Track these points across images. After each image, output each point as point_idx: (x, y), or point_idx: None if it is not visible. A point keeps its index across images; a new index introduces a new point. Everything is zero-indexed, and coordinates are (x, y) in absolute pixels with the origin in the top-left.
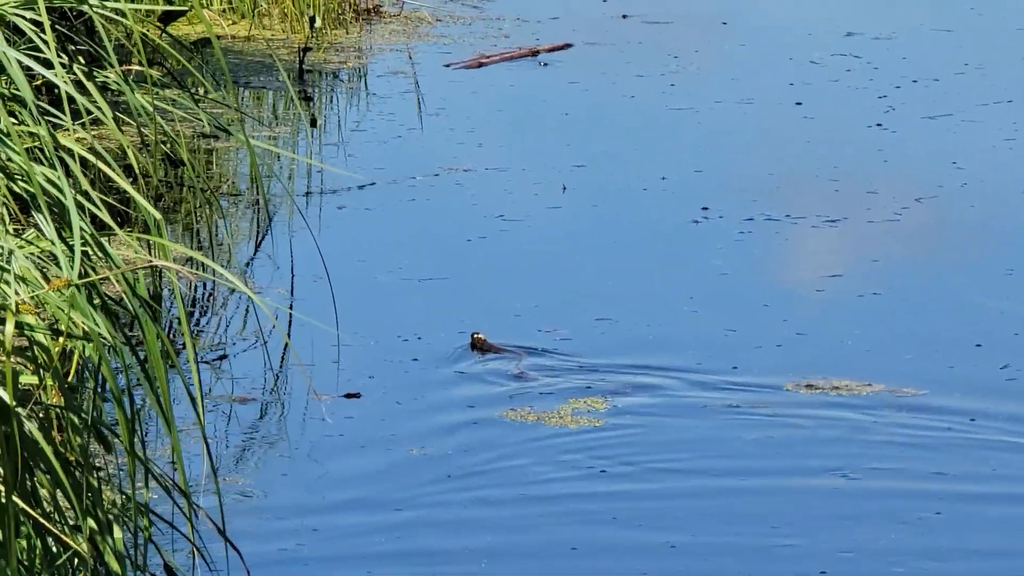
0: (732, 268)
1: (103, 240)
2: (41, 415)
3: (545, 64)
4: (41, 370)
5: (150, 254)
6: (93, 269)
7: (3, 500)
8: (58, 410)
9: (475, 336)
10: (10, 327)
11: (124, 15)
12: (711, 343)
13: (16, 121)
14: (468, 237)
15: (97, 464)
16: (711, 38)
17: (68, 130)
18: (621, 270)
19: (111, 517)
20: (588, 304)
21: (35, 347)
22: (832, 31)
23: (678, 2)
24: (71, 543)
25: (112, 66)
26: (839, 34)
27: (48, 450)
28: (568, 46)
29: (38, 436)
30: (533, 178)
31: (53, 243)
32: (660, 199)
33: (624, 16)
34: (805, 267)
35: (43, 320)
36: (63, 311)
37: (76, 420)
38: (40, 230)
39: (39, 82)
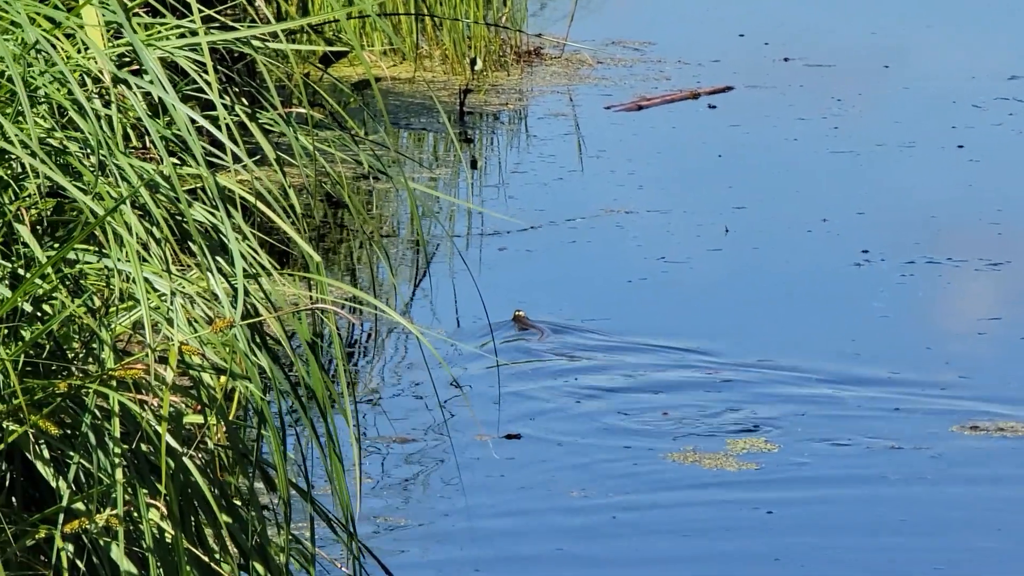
0: (893, 311)
1: (264, 281)
2: (205, 455)
3: (713, 106)
4: (206, 410)
5: (311, 294)
6: (256, 310)
7: (170, 541)
8: (223, 449)
9: (517, 313)
10: (172, 368)
11: (286, 56)
12: (874, 385)
13: (179, 162)
14: (629, 278)
15: (263, 503)
16: (873, 81)
17: (230, 171)
18: (783, 312)
19: (278, 558)
20: (750, 345)
21: (199, 387)
22: (995, 75)
23: (840, 45)
24: None
25: (274, 107)
26: (1003, 78)
27: (208, 491)
28: (729, 89)
29: (199, 477)
30: (695, 220)
31: (215, 284)
32: (822, 241)
33: (786, 59)
34: (967, 310)
35: (207, 361)
36: (226, 351)
37: (240, 459)
38: (202, 270)
39: (198, 125)
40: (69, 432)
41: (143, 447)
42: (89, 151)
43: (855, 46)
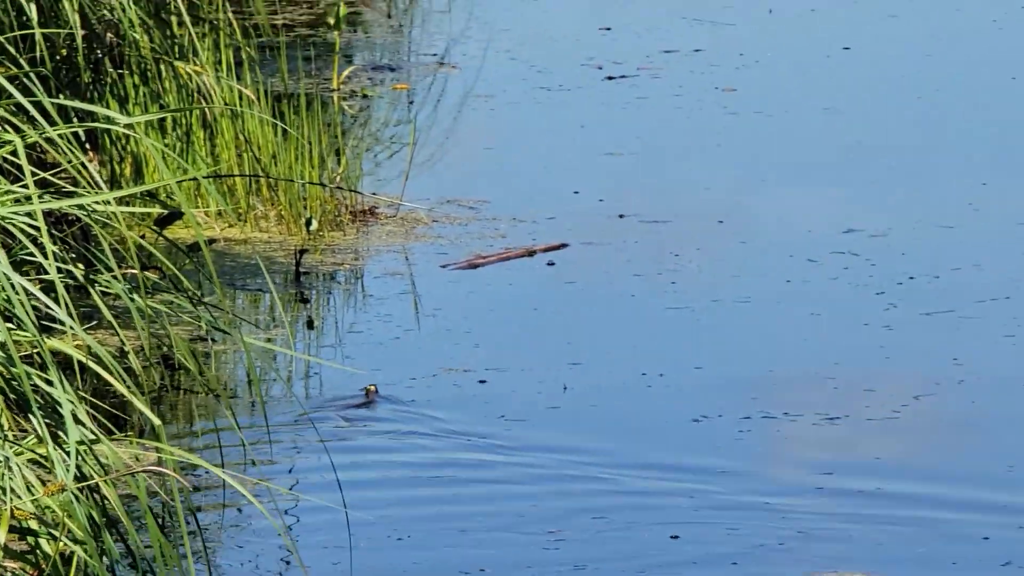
0: (732, 466)
1: (98, 444)
2: None
3: (552, 263)
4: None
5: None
6: (88, 474)
7: None
8: None
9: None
10: (2, 533)
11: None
12: (719, 543)
13: (13, 327)
14: (469, 438)
15: None
16: (710, 237)
17: (66, 334)
18: (623, 472)
19: None
20: (589, 503)
21: (37, 552)
22: (831, 228)
23: (675, 201)
24: None
25: (109, 270)
26: (838, 231)
27: None
28: (565, 246)
29: None
30: (534, 377)
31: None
32: (660, 397)
33: (621, 216)
34: (803, 465)
35: (42, 526)
36: (60, 515)
37: None
38: (38, 436)
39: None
40: None
41: None
42: None
43: (690, 202)
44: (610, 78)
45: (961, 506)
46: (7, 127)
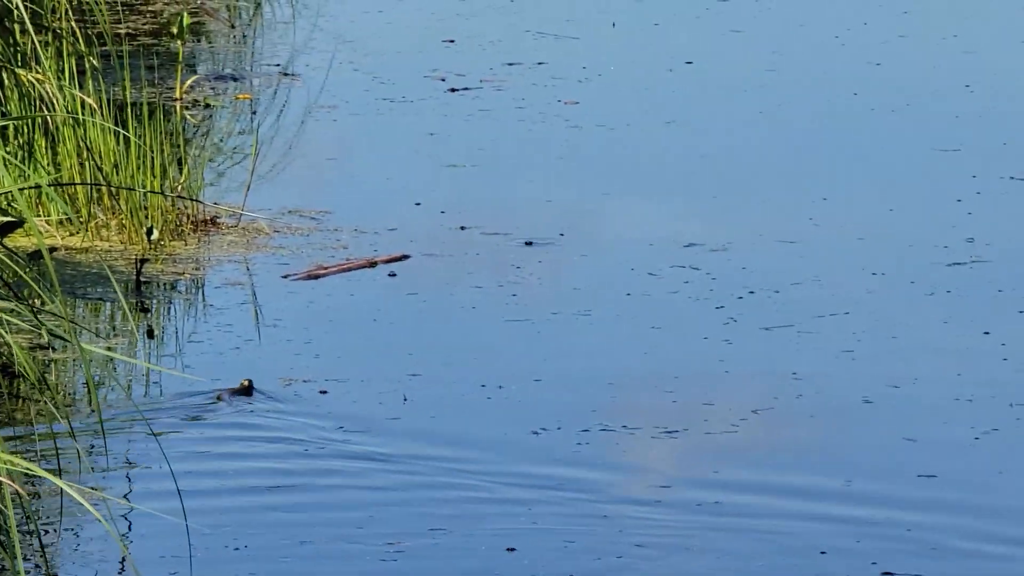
0: (570, 479)
1: None
2: None
3: (393, 274)
4: None
5: None
6: None
7: None
8: None
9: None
10: None
11: None
12: (556, 556)
13: None
14: (306, 448)
15: None
16: (551, 249)
17: None
18: (462, 483)
19: None
20: (428, 513)
21: None
22: (672, 242)
23: (517, 213)
24: None
25: None
26: (678, 245)
27: None
28: (406, 257)
29: None
30: (374, 388)
31: None
32: (500, 409)
33: (463, 228)
34: (642, 478)
35: None
36: None
37: None
38: None
39: None
40: None
41: None
42: None
43: (532, 214)
44: (453, 90)
45: (799, 520)
46: None
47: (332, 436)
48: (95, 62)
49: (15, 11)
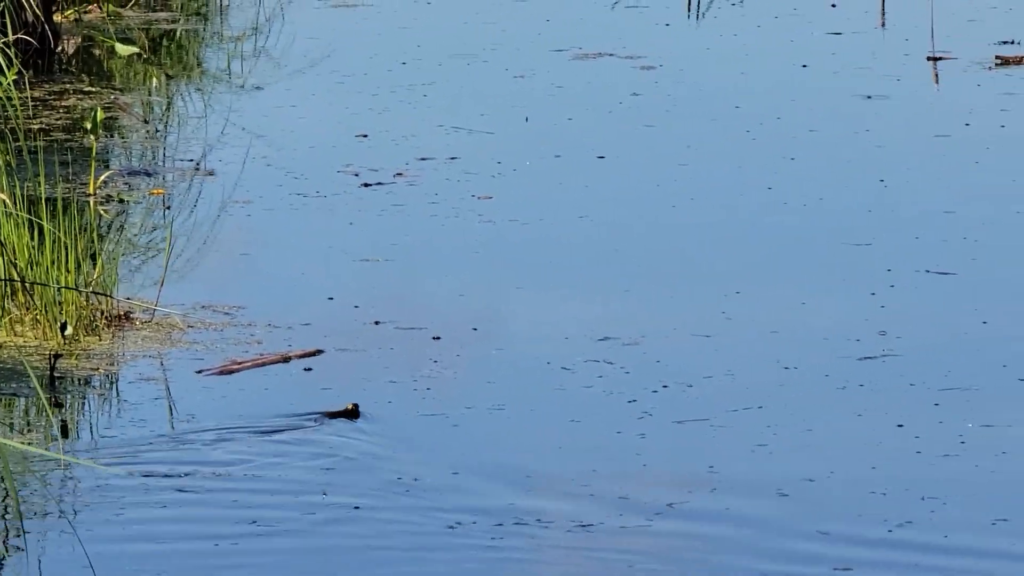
0: (485, 574)
1: None
2: None
3: (309, 369)
4: None
5: None
6: None
7: None
8: None
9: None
10: None
11: None
12: None
13: None
14: (216, 543)
15: None
16: (467, 344)
17: None
18: None
19: None
20: None
21: None
22: (585, 336)
23: (430, 308)
24: None
25: None
26: (592, 339)
27: None
28: (320, 352)
29: None
30: (290, 475)
31: None
32: (414, 503)
33: (376, 322)
34: (557, 573)
35: None
36: None
37: None
38: None
39: None
40: None
41: None
42: None
43: (445, 308)
44: (366, 185)
45: None
46: None
47: (244, 530)
48: (9, 158)
49: None
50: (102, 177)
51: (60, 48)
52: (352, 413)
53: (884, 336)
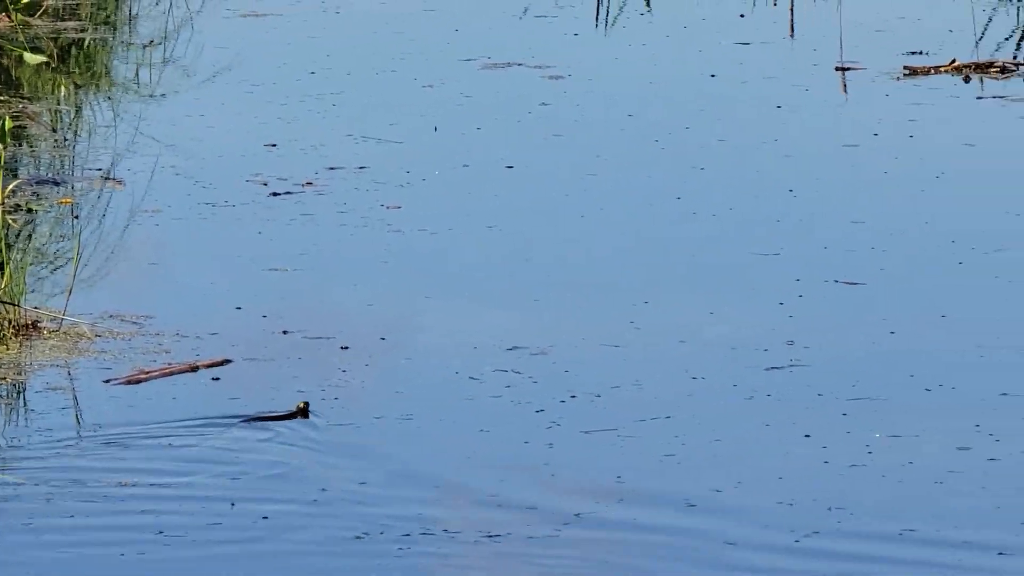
0: None
1: None
2: None
3: (217, 379)
4: None
5: None
6: None
7: None
8: None
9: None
10: None
11: None
12: None
13: None
14: (121, 552)
15: None
16: (376, 353)
17: None
18: None
19: None
20: None
21: None
22: (494, 345)
23: (339, 317)
24: None
25: None
26: (501, 348)
27: None
28: (228, 362)
29: None
30: (198, 492)
31: None
32: (324, 512)
33: (285, 332)
34: None
35: None
36: None
37: None
38: None
39: None
40: None
41: None
42: None
43: (354, 318)
44: (275, 194)
45: None
46: None
47: (146, 539)
48: None
49: None
50: (10, 186)
51: None
52: (302, 412)
53: (792, 346)
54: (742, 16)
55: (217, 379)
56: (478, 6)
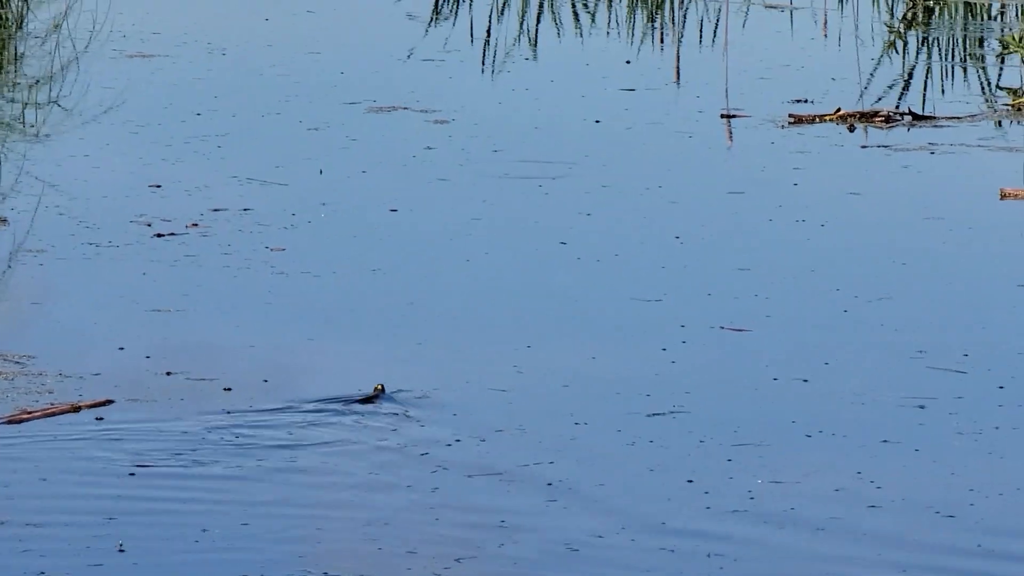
0: None
1: None
2: None
3: (100, 418)
4: None
5: None
6: None
7: None
8: None
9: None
10: None
11: None
12: None
13: None
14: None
15: None
16: (258, 395)
17: None
18: None
19: None
20: None
21: None
22: (367, 385)
23: (221, 359)
24: None
25: None
26: (386, 391)
27: None
28: (110, 402)
29: None
30: (80, 533)
31: None
32: (207, 558)
33: (168, 373)
34: None
35: None
36: None
37: None
38: None
39: None
40: None
41: None
42: None
43: (237, 360)
44: (159, 235)
45: None
46: None
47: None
48: None
49: None
50: None
51: None
52: (379, 394)
53: (675, 392)
54: (628, 62)
55: (100, 419)
56: (364, 49)
